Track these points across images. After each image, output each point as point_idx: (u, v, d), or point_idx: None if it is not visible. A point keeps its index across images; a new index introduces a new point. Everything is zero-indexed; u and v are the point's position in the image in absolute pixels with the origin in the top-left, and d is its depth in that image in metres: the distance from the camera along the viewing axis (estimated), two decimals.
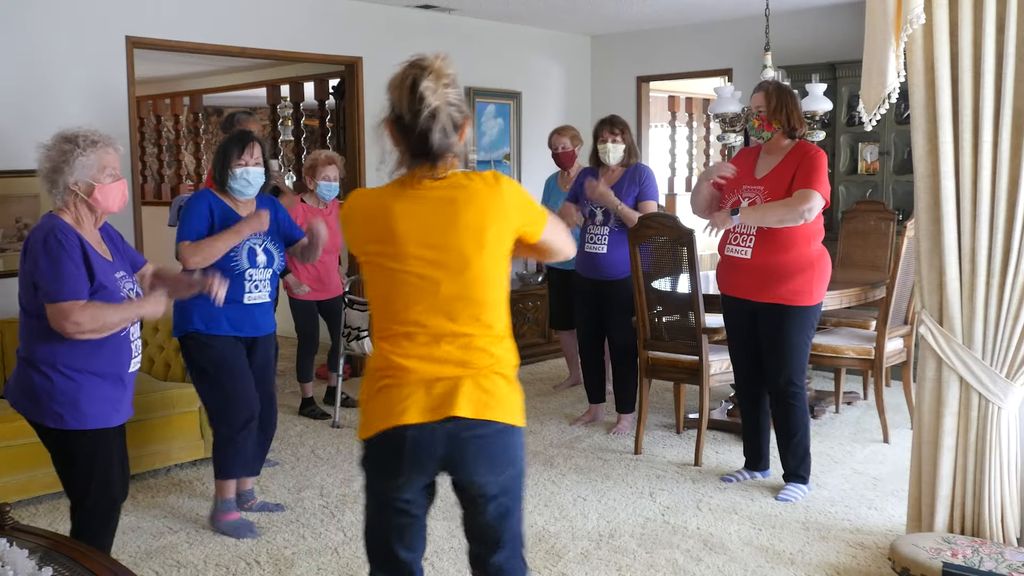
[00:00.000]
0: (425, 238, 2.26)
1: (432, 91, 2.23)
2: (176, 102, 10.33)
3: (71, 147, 3.01)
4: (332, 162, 5.80)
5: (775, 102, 4.31)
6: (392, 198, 2.29)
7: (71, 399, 2.99)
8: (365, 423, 2.35)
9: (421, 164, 2.28)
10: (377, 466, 2.36)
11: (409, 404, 2.26)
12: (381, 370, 2.32)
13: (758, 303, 4.37)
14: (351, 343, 5.67)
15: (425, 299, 2.27)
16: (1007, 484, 3.36)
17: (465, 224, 2.27)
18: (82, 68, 5.49)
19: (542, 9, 7.33)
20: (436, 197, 2.27)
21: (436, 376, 2.28)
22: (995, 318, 3.27)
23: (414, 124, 2.23)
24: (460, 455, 2.31)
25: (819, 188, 4.19)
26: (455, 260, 2.27)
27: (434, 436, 2.28)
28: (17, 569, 2.22)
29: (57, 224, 2.98)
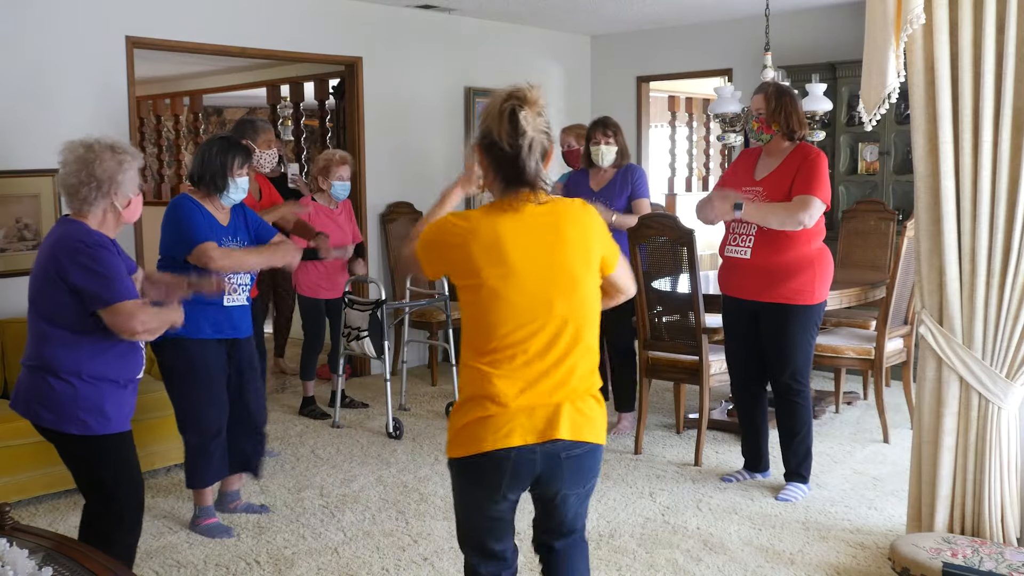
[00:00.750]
0: (536, 260, 2.35)
1: (529, 121, 2.33)
2: (176, 102, 10.34)
3: (123, 157, 3.01)
4: (346, 162, 5.82)
5: (774, 104, 4.30)
6: (499, 222, 2.36)
7: (96, 405, 2.98)
8: (464, 442, 2.40)
9: (516, 189, 2.38)
10: (477, 482, 2.45)
11: (514, 427, 2.35)
12: (483, 393, 2.37)
13: (760, 303, 4.37)
14: (351, 343, 5.68)
15: (536, 320, 2.36)
16: (1007, 484, 3.36)
17: (573, 245, 2.39)
18: (82, 68, 5.49)
19: (542, 9, 7.33)
20: (543, 222, 2.38)
21: (540, 399, 2.37)
22: (995, 318, 3.27)
23: (514, 152, 2.34)
24: (555, 472, 2.42)
25: (819, 193, 4.18)
26: (566, 280, 2.38)
27: (534, 456, 2.38)
28: (17, 569, 2.22)
29: (88, 229, 2.97)
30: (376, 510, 4.41)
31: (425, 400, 6.43)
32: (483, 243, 2.34)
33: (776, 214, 4.20)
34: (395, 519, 4.30)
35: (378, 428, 5.73)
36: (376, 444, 5.43)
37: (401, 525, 4.23)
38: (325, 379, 6.77)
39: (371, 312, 5.55)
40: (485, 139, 2.39)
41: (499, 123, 2.34)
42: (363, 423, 5.86)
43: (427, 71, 7.41)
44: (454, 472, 2.50)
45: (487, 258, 2.33)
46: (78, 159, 2.99)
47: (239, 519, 4.30)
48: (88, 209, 3.00)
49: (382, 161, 7.12)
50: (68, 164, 3.01)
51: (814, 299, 4.33)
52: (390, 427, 5.54)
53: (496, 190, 2.42)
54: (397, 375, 6.33)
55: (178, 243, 3.97)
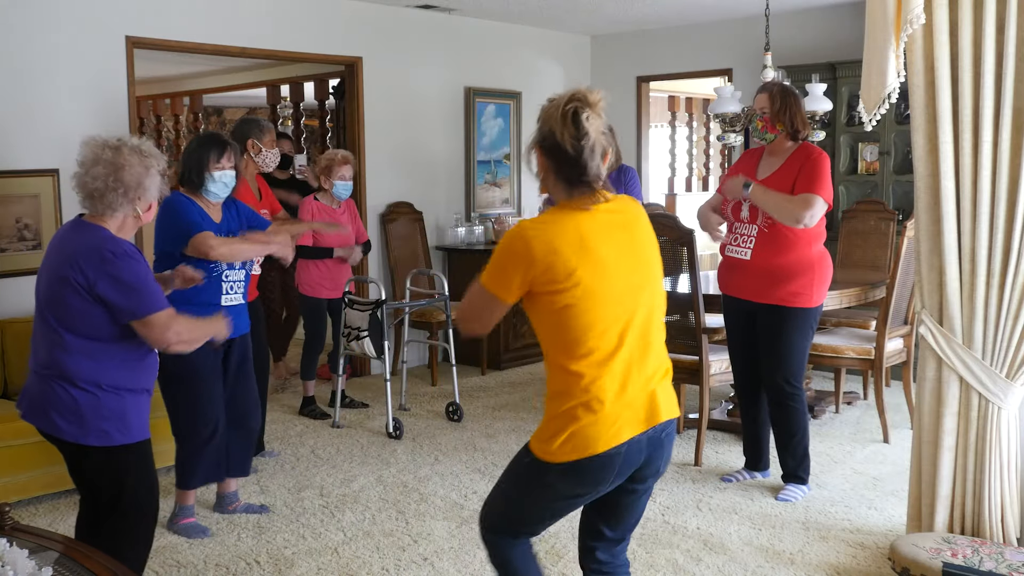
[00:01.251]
0: (619, 255, 2.41)
1: (591, 122, 2.37)
2: (176, 102, 10.34)
3: (150, 161, 2.93)
4: (348, 162, 5.82)
5: (779, 104, 4.30)
6: (580, 222, 2.39)
7: (119, 415, 2.90)
8: (573, 447, 2.39)
9: (579, 190, 2.41)
10: (582, 482, 2.44)
11: (622, 424, 2.40)
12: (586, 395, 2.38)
13: (758, 304, 4.37)
14: (351, 343, 5.68)
15: (626, 314, 2.40)
16: (1007, 484, 3.36)
17: (647, 239, 2.51)
18: (82, 68, 5.49)
19: (542, 9, 7.33)
20: (615, 219, 2.45)
21: (639, 390, 2.43)
22: (995, 318, 3.27)
23: (576, 153, 2.37)
24: (657, 453, 2.49)
25: (822, 193, 4.18)
26: (645, 272, 2.47)
27: (640, 445, 2.43)
28: (17, 569, 2.22)
29: (112, 236, 2.88)
30: (376, 510, 4.42)
31: (425, 400, 6.43)
32: (571, 244, 2.35)
33: (778, 202, 4.19)
34: (395, 519, 4.30)
35: (378, 428, 5.73)
36: (376, 444, 5.43)
37: (401, 525, 4.23)
38: (326, 379, 6.76)
39: (371, 312, 5.55)
40: (547, 141, 2.40)
41: (562, 125, 2.36)
42: (363, 423, 5.86)
43: (427, 71, 7.41)
44: (554, 475, 2.45)
45: (579, 258, 2.35)
46: (105, 163, 2.87)
47: (240, 519, 4.30)
48: (110, 213, 2.90)
49: (382, 161, 7.12)
50: (91, 165, 2.88)
51: (812, 302, 4.32)
52: (390, 427, 5.54)
53: (559, 192, 2.44)
54: (397, 375, 6.33)
55: (175, 237, 3.93)
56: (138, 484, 2.99)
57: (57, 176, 5.32)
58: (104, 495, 2.98)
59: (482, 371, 7.20)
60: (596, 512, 2.60)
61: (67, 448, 2.95)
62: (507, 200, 8.18)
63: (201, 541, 4.07)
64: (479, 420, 5.91)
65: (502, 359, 7.35)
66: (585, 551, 2.66)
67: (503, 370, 7.31)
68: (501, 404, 6.29)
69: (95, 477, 2.98)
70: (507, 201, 8.19)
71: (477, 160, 7.87)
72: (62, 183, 5.29)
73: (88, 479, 3.01)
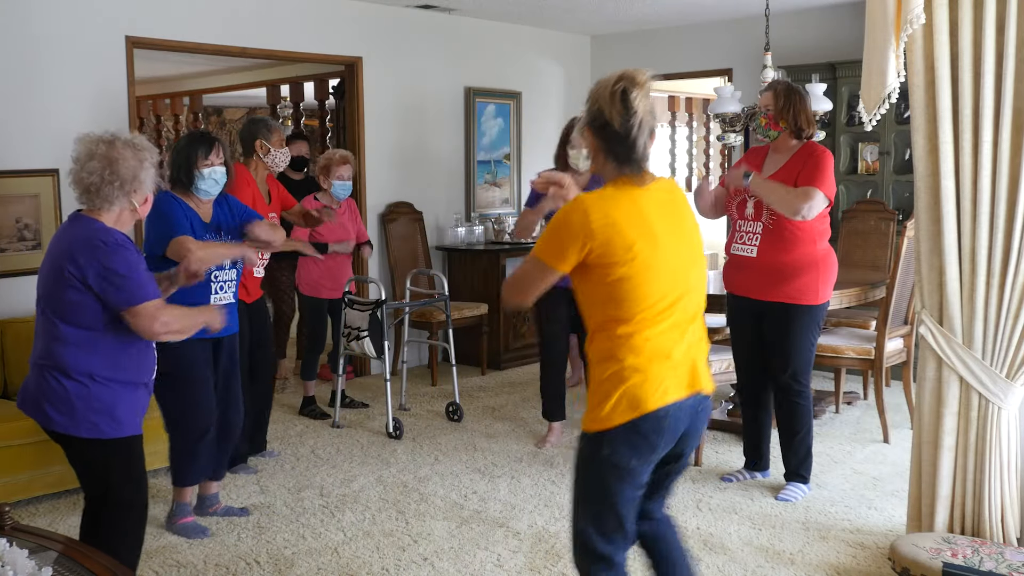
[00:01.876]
0: (671, 231, 2.52)
1: (640, 101, 2.46)
2: (176, 102, 10.34)
3: (144, 154, 2.96)
4: (346, 161, 5.81)
5: (783, 102, 4.30)
6: (636, 197, 2.49)
7: (108, 407, 2.94)
8: (626, 408, 2.47)
9: (629, 168, 2.50)
10: (636, 446, 2.50)
11: (668, 385, 2.49)
12: (636, 357, 2.47)
13: (764, 302, 4.37)
14: (351, 343, 5.67)
15: (677, 287, 2.51)
16: (1007, 484, 3.35)
17: (690, 217, 2.62)
18: (82, 68, 5.49)
19: (542, 9, 7.33)
20: (665, 197, 2.55)
21: (683, 358, 2.53)
22: (995, 318, 3.27)
23: (625, 132, 2.46)
24: (696, 425, 2.60)
25: (823, 187, 4.18)
26: (693, 249, 2.59)
27: (682, 411, 2.53)
28: (17, 569, 2.22)
29: (106, 228, 2.91)
30: (376, 510, 4.41)
31: (425, 400, 6.43)
32: (630, 217, 2.44)
33: (778, 194, 4.19)
34: (395, 519, 4.30)
35: (378, 428, 5.73)
36: (376, 444, 5.43)
37: (401, 525, 4.23)
38: (327, 379, 6.76)
39: (371, 312, 5.55)
40: (596, 120, 2.49)
41: (611, 104, 2.45)
42: (363, 423, 5.86)
43: (427, 71, 7.41)
44: (609, 444, 2.50)
45: (637, 231, 2.44)
46: (100, 157, 2.90)
47: (240, 519, 4.30)
48: (107, 207, 2.94)
49: (382, 161, 7.12)
50: (86, 160, 2.91)
51: (817, 299, 4.33)
52: (390, 427, 5.54)
53: (609, 170, 2.52)
54: (397, 375, 6.33)
55: (159, 239, 3.92)
56: (125, 480, 3.03)
57: (57, 176, 5.32)
58: (93, 488, 3.05)
59: (482, 371, 7.20)
60: None
61: (60, 440, 3.01)
62: (507, 200, 8.18)
63: (201, 541, 4.07)
64: (479, 420, 5.91)
65: (502, 359, 7.35)
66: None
67: (503, 370, 7.30)
68: (501, 404, 6.29)
69: (85, 469, 3.04)
70: (507, 201, 8.19)
71: (477, 160, 7.87)
72: (62, 183, 5.29)
73: (80, 470, 3.07)
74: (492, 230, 7.73)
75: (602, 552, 2.60)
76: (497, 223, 7.70)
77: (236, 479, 4.82)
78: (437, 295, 6.25)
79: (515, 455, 5.17)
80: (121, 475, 3.02)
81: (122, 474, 3.02)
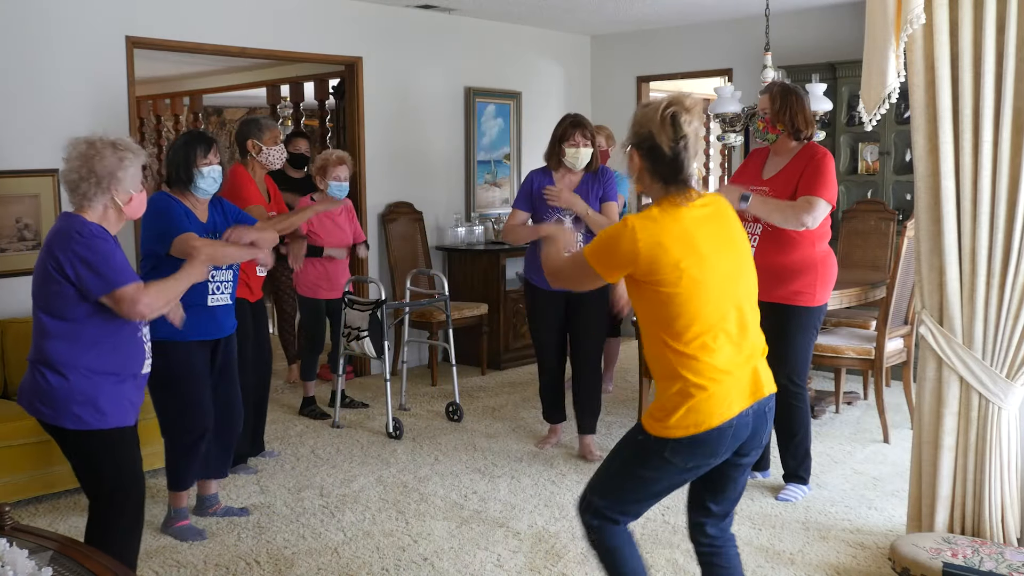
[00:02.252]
0: (719, 246, 2.63)
1: (688, 124, 2.58)
2: (176, 102, 10.35)
3: (125, 154, 3.03)
4: (343, 162, 5.79)
5: (779, 104, 4.29)
6: (682, 217, 2.59)
7: (90, 399, 2.99)
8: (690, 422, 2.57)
9: (675, 187, 2.61)
10: (696, 456, 2.61)
11: (733, 398, 2.59)
12: (698, 373, 2.57)
13: (761, 303, 4.35)
14: (351, 343, 5.67)
15: (728, 299, 2.62)
16: (1007, 484, 3.35)
17: (737, 229, 2.73)
18: (82, 68, 5.49)
19: (542, 9, 7.33)
20: (710, 212, 2.65)
21: (743, 367, 2.63)
22: (995, 318, 3.27)
23: (673, 154, 2.58)
24: (761, 426, 2.69)
25: (824, 194, 4.17)
26: (740, 261, 2.70)
27: (748, 419, 2.63)
28: (17, 569, 2.22)
29: (84, 220, 3.00)
30: (376, 510, 4.41)
31: (425, 400, 6.43)
32: (676, 238, 2.56)
33: (780, 211, 4.18)
34: (395, 519, 4.30)
35: (378, 428, 5.73)
36: (376, 444, 5.43)
37: (401, 525, 4.23)
38: (327, 380, 6.76)
39: (371, 312, 5.55)
40: (645, 143, 2.60)
41: (661, 128, 2.57)
42: (363, 423, 5.86)
43: (427, 71, 7.41)
44: (671, 450, 2.60)
45: (683, 250, 2.55)
46: (79, 155, 3.01)
47: (240, 519, 4.30)
48: (88, 204, 3.03)
49: (382, 161, 7.12)
50: (70, 160, 3.03)
51: (814, 301, 4.32)
52: (390, 427, 5.54)
53: (655, 190, 2.64)
54: (397, 375, 6.33)
55: (159, 238, 3.89)
56: (115, 472, 3.05)
57: (57, 176, 5.32)
58: (85, 481, 3.09)
59: (482, 371, 7.20)
60: (703, 488, 2.80)
61: (51, 433, 3.07)
62: (507, 200, 8.18)
63: (201, 541, 4.07)
64: (479, 420, 5.91)
65: (502, 359, 7.35)
66: (694, 527, 2.89)
67: (503, 370, 7.30)
68: (501, 404, 6.29)
69: (76, 463, 3.09)
70: (507, 201, 8.18)
71: (477, 160, 7.87)
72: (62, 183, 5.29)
73: (74, 467, 3.11)
74: (492, 230, 7.72)
75: (608, 515, 2.76)
76: (497, 223, 7.70)
77: (236, 479, 4.82)
78: (437, 295, 6.25)
79: (515, 455, 5.17)
80: (110, 467, 3.06)
81: (111, 466, 3.06)
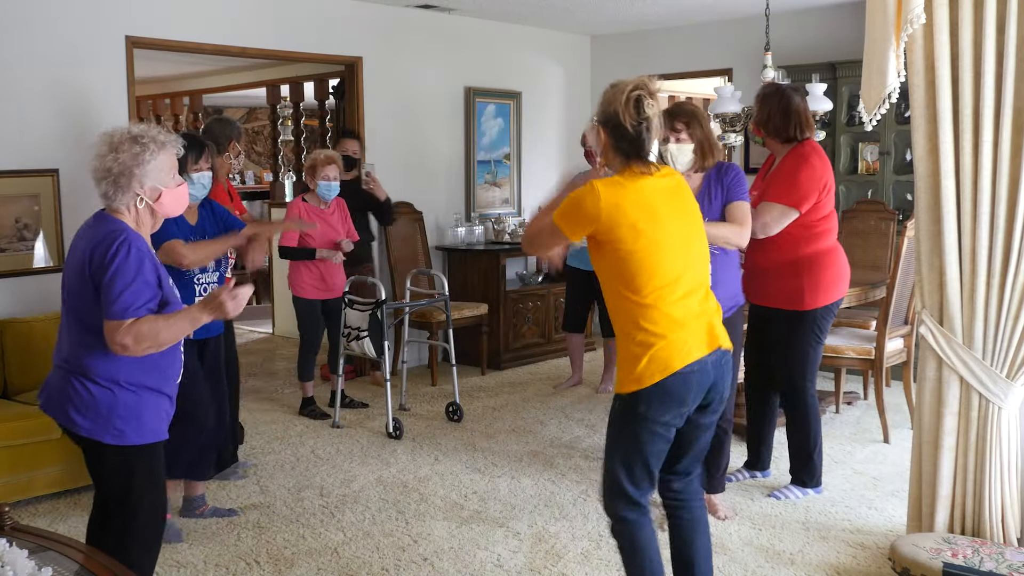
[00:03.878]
0: (674, 211, 2.85)
1: (650, 107, 2.81)
2: (176, 102, 10.35)
3: (142, 148, 2.83)
4: (332, 162, 5.79)
5: (759, 106, 4.31)
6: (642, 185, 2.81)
7: (135, 413, 2.86)
8: (654, 370, 2.77)
9: (635, 162, 2.83)
10: (667, 403, 2.81)
11: (691, 345, 2.80)
12: (658, 323, 2.78)
13: (761, 307, 4.38)
14: (351, 343, 5.67)
15: (685, 258, 2.84)
16: (1007, 484, 3.35)
17: (691, 199, 2.95)
18: (82, 68, 5.48)
19: (542, 9, 7.33)
20: (668, 183, 2.88)
21: (700, 320, 2.84)
22: (995, 318, 3.26)
23: (637, 131, 2.80)
24: (722, 377, 2.90)
25: (783, 199, 4.11)
26: (695, 225, 2.91)
27: (707, 366, 2.83)
28: (17, 569, 2.22)
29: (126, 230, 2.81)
30: (376, 510, 4.41)
31: (425, 400, 6.43)
32: (633, 202, 2.77)
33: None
34: (395, 519, 4.30)
35: (378, 428, 5.73)
36: (376, 444, 5.43)
37: (401, 525, 4.23)
38: (327, 380, 6.75)
39: (371, 312, 5.55)
40: (611, 121, 2.82)
41: (625, 108, 2.79)
42: (363, 423, 5.86)
43: (427, 71, 7.41)
44: (643, 402, 2.80)
45: (640, 213, 2.76)
46: (98, 153, 2.84)
47: (240, 519, 4.30)
48: (114, 205, 2.85)
49: (382, 161, 7.11)
50: (93, 158, 2.86)
51: (805, 305, 4.25)
52: (390, 427, 5.54)
53: (617, 163, 2.86)
54: (397, 375, 6.33)
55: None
56: (149, 485, 2.95)
57: (57, 176, 5.31)
58: (115, 493, 2.95)
59: (482, 371, 7.20)
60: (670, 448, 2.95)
61: (82, 443, 2.92)
62: (507, 200, 8.18)
63: (201, 541, 4.07)
64: (479, 420, 5.91)
65: (502, 359, 7.35)
66: (662, 482, 3.06)
67: (503, 370, 7.30)
68: (501, 404, 6.29)
69: (108, 475, 2.95)
70: (507, 201, 8.19)
71: (477, 160, 7.87)
72: (62, 183, 5.29)
73: (101, 476, 2.97)
74: (492, 230, 7.72)
75: (630, 494, 2.92)
76: (497, 223, 7.70)
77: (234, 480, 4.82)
78: (437, 295, 6.25)
79: (515, 455, 5.16)
80: (146, 481, 2.93)
81: (147, 480, 2.93)
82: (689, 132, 3.84)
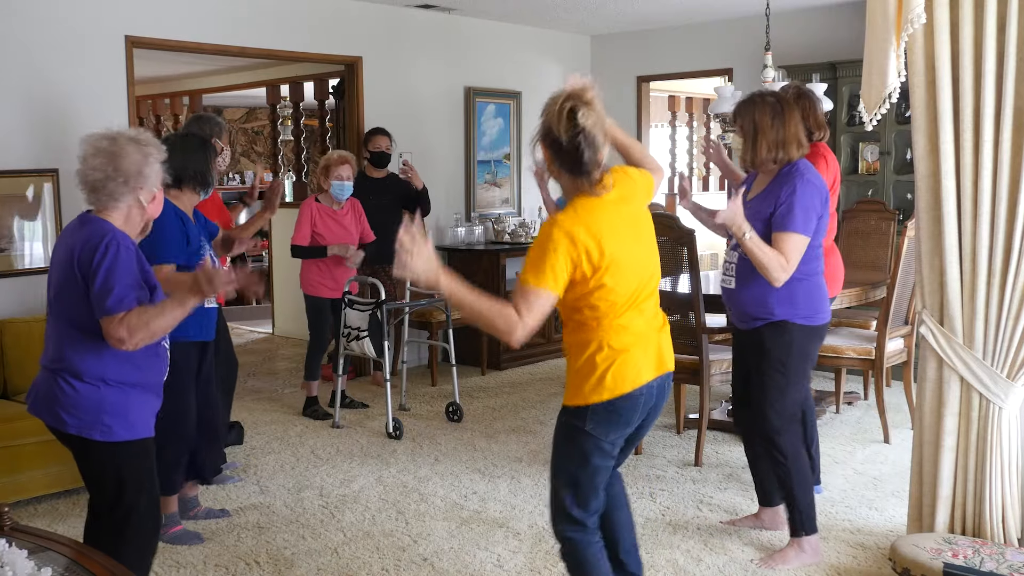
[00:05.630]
0: (630, 229, 2.77)
1: (585, 116, 2.63)
2: (176, 102, 10.34)
3: (148, 149, 2.89)
4: (345, 162, 5.78)
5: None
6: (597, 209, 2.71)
7: (122, 410, 2.88)
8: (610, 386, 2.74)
9: (582, 179, 2.70)
10: (615, 422, 2.79)
11: (642, 367, 2.78)
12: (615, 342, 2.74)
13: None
14: (351, 343, 5.67)
15: (639, 276, 2.77)
16: (1008, 484, 3.35)
17: (644, 214, 2.87)
18: (82, 68, 5.48)
19: (542, 9, 7.33)
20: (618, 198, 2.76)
21: (651, 341, 2.81)
22: (996, 318, 3.26)
23: (573, 144, 2.64)
24: (660, 400, 2.87)
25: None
26: (648, 242, 2.84)
27: (653, 390, 2.81)
28: (17, 569, 2.22)
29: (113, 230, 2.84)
30: (376, 510, 4.41)
31: (425, 400, 6.43)
32: (598, 229, 2.67)
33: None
34: (395, 519, 4.30)
35: (378, 428, 5.73)
36: (376, 444, 5.43)
37: (401, 525, 4.23)
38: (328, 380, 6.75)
39: (371, 312, 5.55)
40: (548, 136, 2.71)
41: (558, 121, 2.65)
42: (363, 423, 5.86)
43: (427, 71, 7.41)
44: (591, 419, 2.77)
45: (608, 238, 2.67)
46: (102, 152, 2.85)
47: (240, 519, 4.30)
48: (113, 205, 2.87)
49: None
50: (90, 158, 2.86)
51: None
52: (390, 427, 5.54)
53: (564, 179, 2.75)
54: (397, 375, 6.33)
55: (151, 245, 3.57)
56: (140, 481, 2.96)
57: (57, 176, 5.31)
58: (107, 491, 2.96)
59: (482, 371, 7.20)
60: None
61: (71, 443, 2.94)
62: (507, 200, 8.18)
63: (201, 541, 4.06)
64: (479, 420, 5.91)
65: (502, 359, 7.35)
66: None
67: (503, 370, 7.30)
68: (501, 404, 6.29)
69: (99, 472, 2.96)
70: (507, 201, 8.19)
71: (477, 160, 7.87)
72: (62, 183, 5.29)
73: (92, 474, 2.99)
74: (492, 230, 7.72)
75: (577, 516, 2.86)
76: (497, 223, 7.70)
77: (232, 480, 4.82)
78: (437, 295, 6.25)
79: (515, 455, 5.16)
80: (134, 478, 2.95)
81: (135, 477, 2.95)
82: (739, 124, 3.71)
